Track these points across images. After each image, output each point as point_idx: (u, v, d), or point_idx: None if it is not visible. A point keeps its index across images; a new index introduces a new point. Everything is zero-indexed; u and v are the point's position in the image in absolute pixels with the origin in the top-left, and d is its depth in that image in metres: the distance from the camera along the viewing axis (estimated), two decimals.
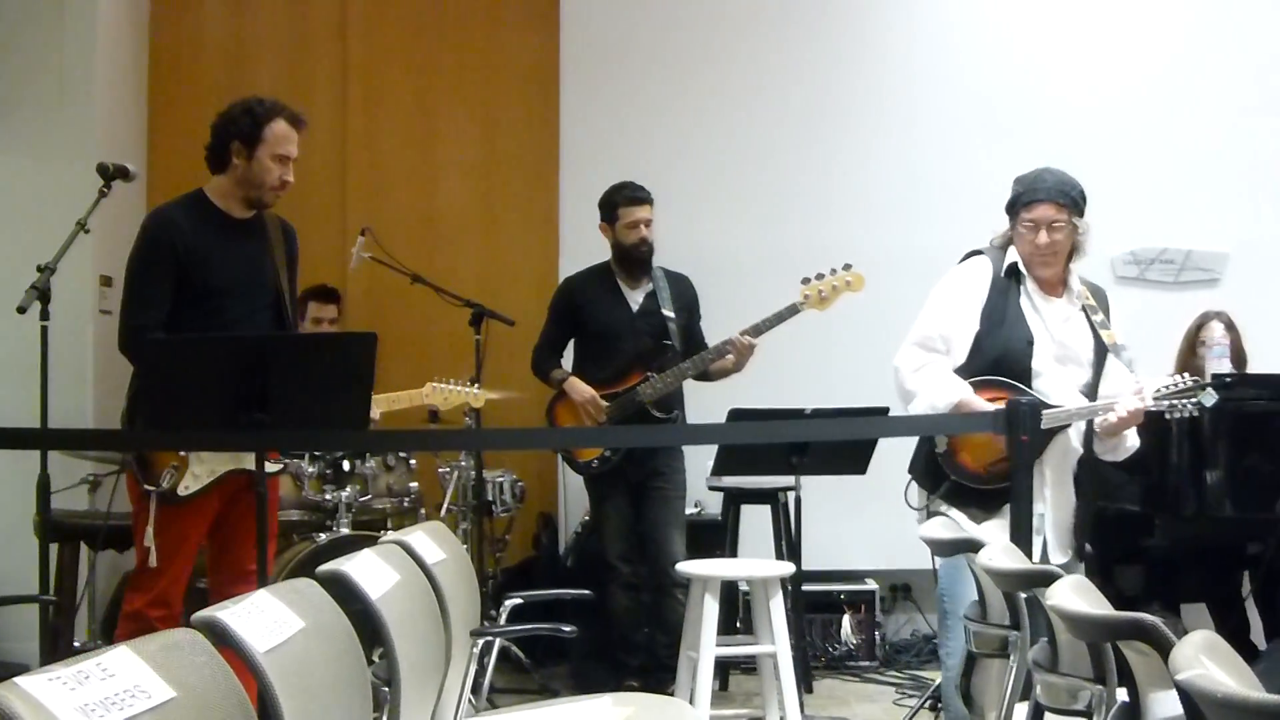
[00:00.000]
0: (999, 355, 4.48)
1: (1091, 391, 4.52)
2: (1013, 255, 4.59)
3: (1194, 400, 4.44)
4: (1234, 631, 6.03)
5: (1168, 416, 4.52)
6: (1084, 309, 4.60)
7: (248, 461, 4.26)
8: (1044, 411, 4.26)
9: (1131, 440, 4.59)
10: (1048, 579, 2.63)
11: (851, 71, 7.62)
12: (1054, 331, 4.54)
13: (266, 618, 2.25)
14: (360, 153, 7.71)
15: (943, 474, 4.48)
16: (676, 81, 7.56)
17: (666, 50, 7.59)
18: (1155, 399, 4.42)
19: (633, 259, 6.17)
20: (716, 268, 6.95)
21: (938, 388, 4.47)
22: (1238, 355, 6.20)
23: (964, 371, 4.51)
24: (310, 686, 2.29)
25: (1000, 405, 4.20)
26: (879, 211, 7.41)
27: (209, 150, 4.66)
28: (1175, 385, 4.47)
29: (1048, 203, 4.51)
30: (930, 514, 4.48)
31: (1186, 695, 1.77)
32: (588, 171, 7.19)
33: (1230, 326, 6.22)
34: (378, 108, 7.75)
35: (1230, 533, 5.89)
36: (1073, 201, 4.54)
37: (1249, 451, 5.52)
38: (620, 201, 6.16)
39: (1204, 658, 1.79)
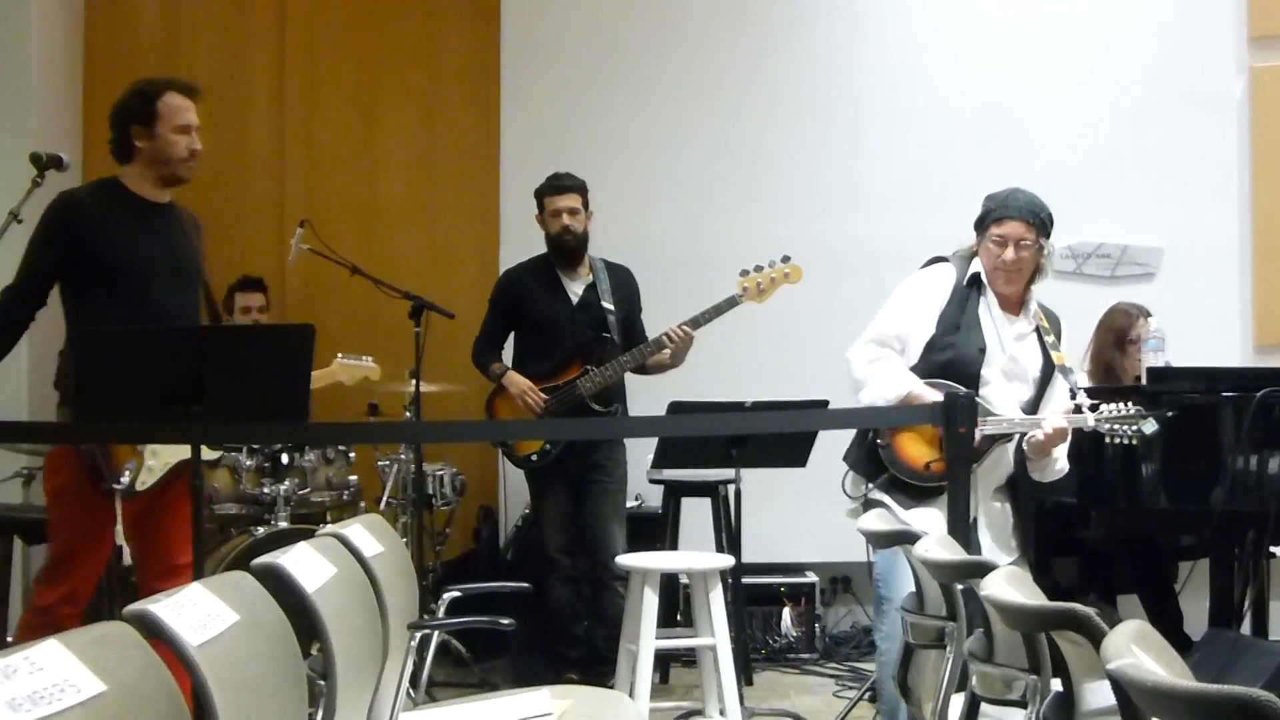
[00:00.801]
0: (950, 359, 4.52)
1: (1032, 409, 4.59)
2: (977, 266, 4.65)
3: (1134, 428, 4.50)
4: (1168, 622, 6.10)
5: (1107, 441, 4.61)
6: (1038, 329, 4.67)
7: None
8: (986, 419, 4.35)
9: (1061, 463, 4.65)
10: (983, 570, 2.64)
11: (793, 65, 7.63)
12: (1007, 345, 4.60)
13: (200, 611, 2.23)
14: (299, 144, 7.66)
15: (882, 465, 4.50)
16: (617, 73, 7.55)
17: (607, 42, 7.58)
18: (1097, 420, 4.49)
19: (561, 249, 6.16)
20: (656, 260, 6.95)
21: (888, 379, 4.52)
22: None
23: (915, 372, 4.55)
24: (244, 680, 2.28)
25: None
26: (819, 205, 7.42)
27: (112, 143, 4.62)
28: (1117, 411, 4.53)
29: (1018, 220, 4.56)
30: (867, 503, 4.49)
31: (1118, 684, 1.79)
32: (528, 163, 7.16)
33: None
34: (316, 99, 7.70)
35: (1164, 525, 5.94)
36: (1041, 223, 4.61)
37: (1183, 444, 5.57)
38: (545, 191, 6.17)
39: (1135, 647, 1.80)
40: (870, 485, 4.54)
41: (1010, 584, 2.49)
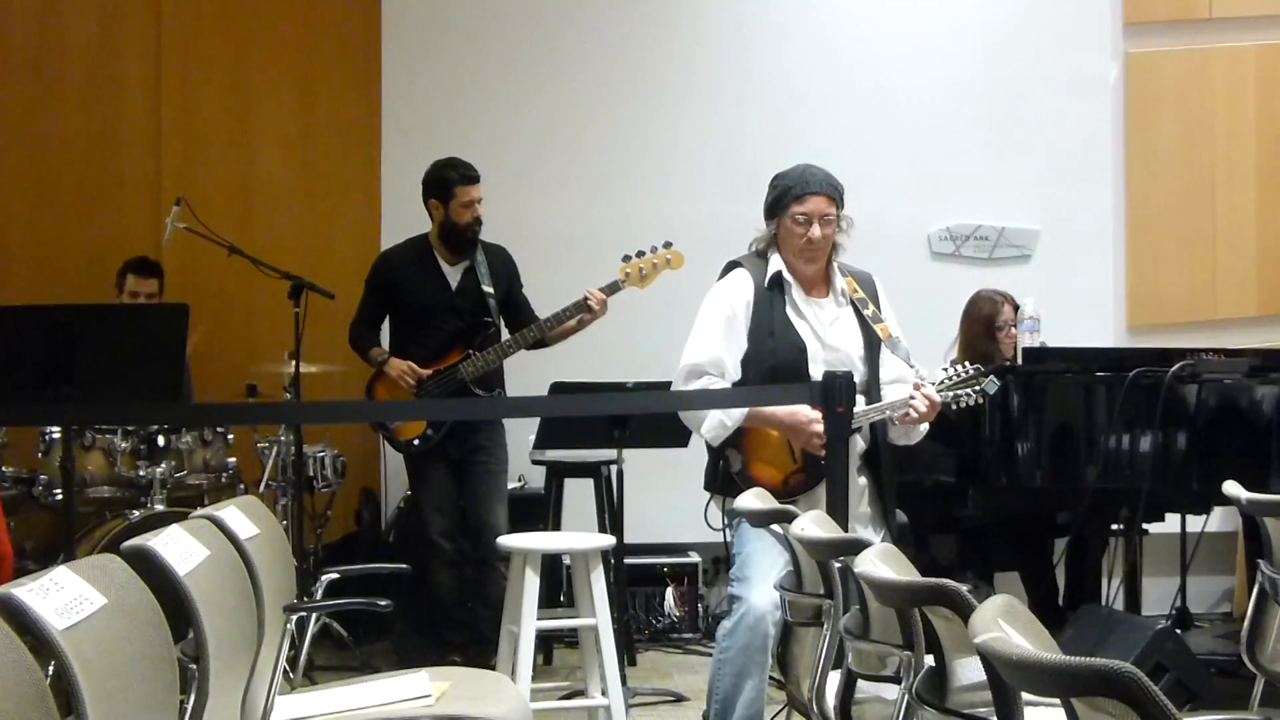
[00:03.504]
0: (773, 367, 4.40)
1: (868, 388, 4.44)
2: (775, 263, 4.49)
3: (977, 389, 4.43)
4: (1044, 599, 6.21)
5: (953, 408, 4.49)
6: (853, 304, 4.53)
7: None
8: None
9: (924, 425, 4.50)
10: (857, 547, 2.67)
11: (675, 46, 7.63)
12: (824, 336, 4.45)
13: (66, 595, 2.18)
14: (175, 120, 7.51)
15: (740, 489, 4.31)
16: (499, 51, 7.50)
17: (489, 20, 7.52)
18: (939, 391, 4.39)
19: (464, 238, 6.10)
20: (539, 242, 6.94)
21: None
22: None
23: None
24: (112, 665, 2.24)
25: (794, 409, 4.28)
26: (702, 186, 7.43)
27: None
28: (957, 375, 4.45)
29: (820, 195, 4.40)
30: (734, 525, 4.41)
31: (986, 658, 1.82)
32: (410, 142, 7.12)
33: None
34: (193, 74, 7.55)
35: (1041, 503, 6.06)
36: (840, 196, 4.47)
37: (1057, 423, 5.67)
38: (456, 180, 6.05)
39: (1002, 621, 1.83)
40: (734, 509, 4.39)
41: (883, 561, 2.51)
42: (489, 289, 6.10)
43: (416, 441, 6.04)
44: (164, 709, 2.45)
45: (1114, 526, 6.11)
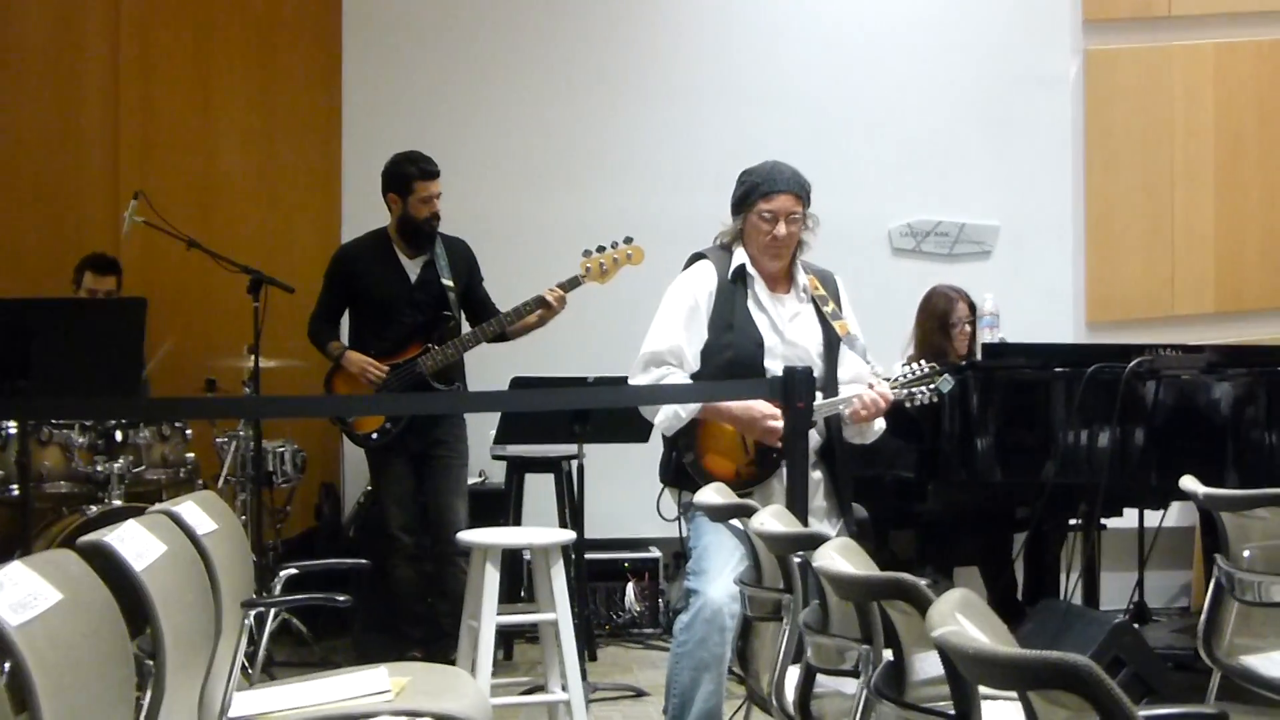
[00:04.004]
0: (730, 360, 4.41)
1: (826, 385, 4.44)
2: (739, 257, 4.51)
3: (932, 387, 4.44)
4: (1004, 593, 6.24)
5: (907, 405, 4.49)
6: (814, 300, 4.53)
7: None
8: None
9: (879, 424, 4.52)
10: (816, 542, 2.67)
11: (637, 43, 7.63)
12: (784, 331, 4.46)
13: (20, 590, 2.17)
14: (133, 114, 7.46)
15: (695, 481, 4.34)
16: (460, 46, 7.48)
17: (450, 15, 7.50)
18: (894, 388, 4.40)
19: (423, 233, 6.08)
20: (500, 236, 6.94)
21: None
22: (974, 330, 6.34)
23: (699, 380, 4.44)
24: (67, 661, 2.23)
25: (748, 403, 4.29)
26: (662, 180, 7.43)
27: None
28: (912, 374, 4.46)
29: (787, 193, 4.43)
30: (690, 518, 4.42)
31: (944, 652, 1.82)
32: (370, 137, 7.09)
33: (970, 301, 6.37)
34: (152, 68, 7.50)
35: (1000, 498, 6.08)
36: (807, 194, 4.48)
37: (1017, 418, 5.70)
38: (415, 175, 6.01)
39: (959, 615, 1.83)
40: (689, 497, 4.38)
41: (841, 555, 2.52)
42: (449, 282, 6.08)
43: (375, 435, 6.02)
44: (120, 705, 2.43)
45: (1072, 521, 6.14)
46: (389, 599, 6.09)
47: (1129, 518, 6.63)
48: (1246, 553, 4.01)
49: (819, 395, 4.31)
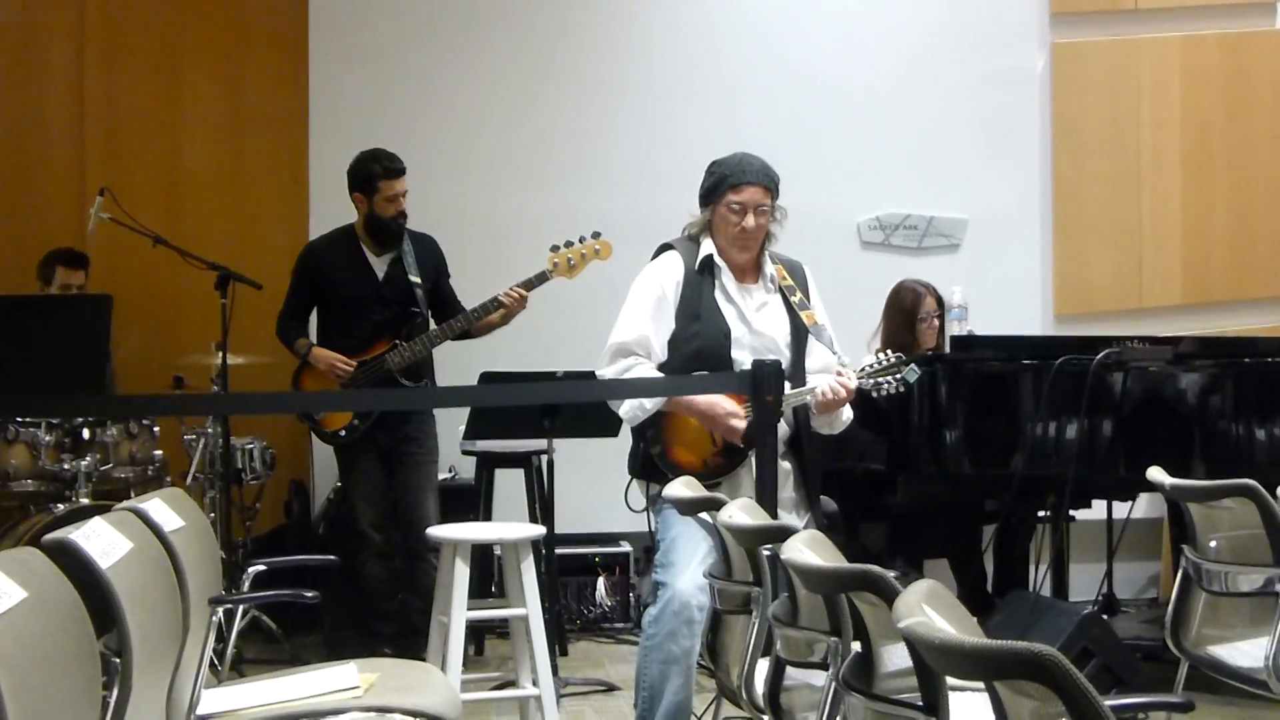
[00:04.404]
0: (698, 349, 4.42)
1: (794, 374, 4.45)
2: (707, 247, 4.52)
3: (898, 377, 4.44)
4: (973, 585, 6.25)
5: (874, 395, 4.50)
6: (781, 290, 4.55)
7: None
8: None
9: (846, 414, 4.55)
10: (785, 534, 2.67)
11: (606, 38, 7.62)
12: (751, 321, 4.48)
13: None
14: (99, 110, 7.41)
15: (662, 474, 4.38)
16: (427, 42, 7.46)
17: (417, 11, 7.48)
18: (860, 378, 4.41)
19: (389, 231, 6.06)
20: (468, 232, 6.92)
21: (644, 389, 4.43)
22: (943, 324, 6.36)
23: (666, 370, 4.45)
24: (33, 659, 2.22)
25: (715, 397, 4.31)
26: (630, 177, 7.43)
27: None
28: (878, 363, 4.47)
29: (756, 185, 4.44)
30: (658, 511, 4.43)
31: (912, 643, 1.83)
32: (338, 133, 7.06)
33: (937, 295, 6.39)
34: (118, 64, 7.45)
35: (969, 490, 6.09)
36: (775, 186, 4.50)
37: (985, 411, 5.72)
38: (379, 174, 5.98)
39: (926, 606, 1.83)
40: (657, 489, 4.40)
41: (809, 547, 2.52)
42: (416, 279, 6.06)
43: (343, 432, 6.01)
44: (86, 703, 2.43)
45: (1041, 513, 6.17)
46: (359, 595, 6.07)
47: (1097, 509, 6.67)
48: (1213, 543, 4.04)
49: (786, 386, 4.31)
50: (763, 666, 3.14)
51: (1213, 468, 5.51)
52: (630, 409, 4.44)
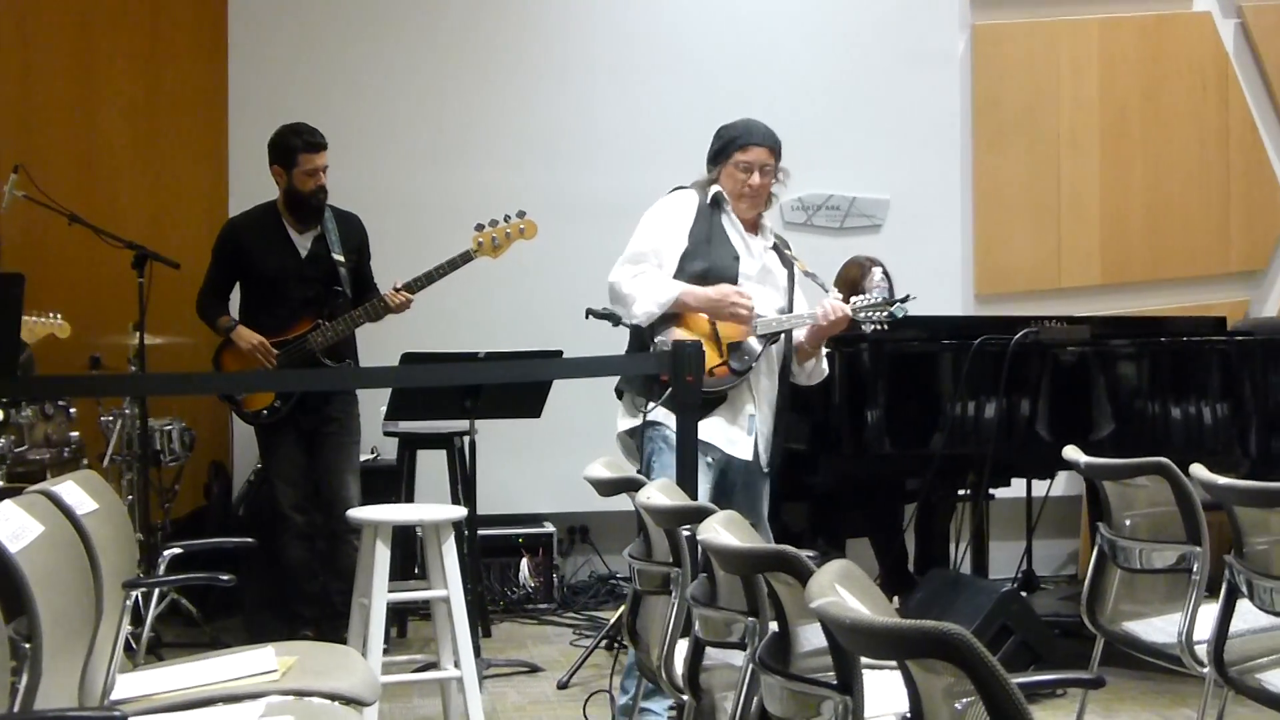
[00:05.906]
0: (707, 268, 4.70)
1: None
2: (716, 190, 4.81)
3: (885, 314, 4.71)
4: (895, 564, 6.30)
5: (864, 329, 4.80)
6: (776, 245, 4.92)
7: None
8: (758, 319, 4.63)
9: (824, 364, 4.93)
10: (702, 515, 2.68)
11: (528, 15, 7.58)
12: (756, 254, 4.81)
13: None
14: (11, 85, 7.27)
15: (661, 385, 4.52)
16: (349, 17, 7.37)
17: None
18: (854, 308, 4.69)
19: (309, 207, 5.99)
20: (391, 210, 6.86)
21: (655, 288, 4.65)
22: None
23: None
24: None
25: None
26: (552, 155, 7.40)
27: None
28: (868, 300, 4.74)
29: (763, 147, 4.81)
30: (647, 422, 4.55)
31: (824, 622, 1.83)
32: (258, 108, 6.96)
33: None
34: (30, 38, 7.31)
35: (890, 469, 6.13)
36: (779, 150, 4.86)
37: (905, 391, 5.76)
38: (299, 147, 5.90)
39: (839, 586, 1.84)
40: (652, 404, 4.52)
41: (725, 528, 2.52)
42: (339, 257, 6.00)
43: (264, 413, 5.95)
44: None
45: (961, 492, 6.22)
46: (281, 578, 6.02)
47: (1017, 487, 6.73)
48: (1128, 521, 4.09)
49: (784, 313, 4.77)
50: (682, 646, 3.14)
51: (1130, 446, 5.56)
52: (644, 310, 4.63)
